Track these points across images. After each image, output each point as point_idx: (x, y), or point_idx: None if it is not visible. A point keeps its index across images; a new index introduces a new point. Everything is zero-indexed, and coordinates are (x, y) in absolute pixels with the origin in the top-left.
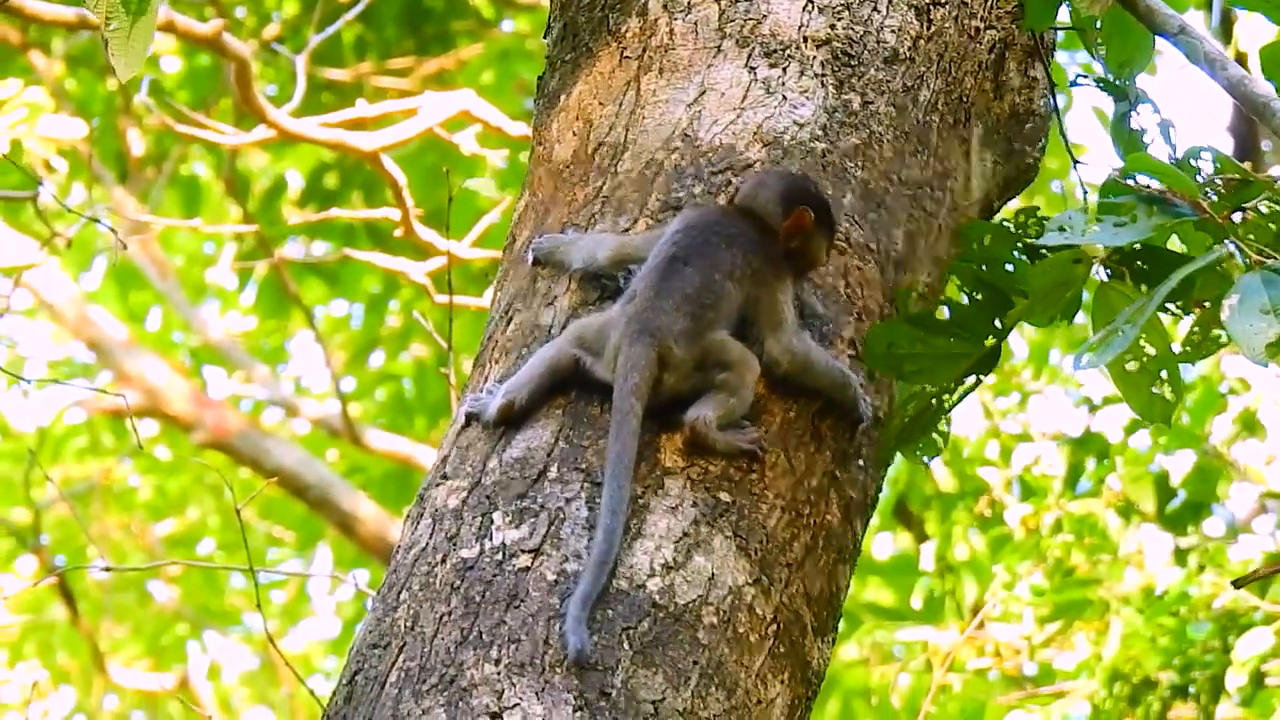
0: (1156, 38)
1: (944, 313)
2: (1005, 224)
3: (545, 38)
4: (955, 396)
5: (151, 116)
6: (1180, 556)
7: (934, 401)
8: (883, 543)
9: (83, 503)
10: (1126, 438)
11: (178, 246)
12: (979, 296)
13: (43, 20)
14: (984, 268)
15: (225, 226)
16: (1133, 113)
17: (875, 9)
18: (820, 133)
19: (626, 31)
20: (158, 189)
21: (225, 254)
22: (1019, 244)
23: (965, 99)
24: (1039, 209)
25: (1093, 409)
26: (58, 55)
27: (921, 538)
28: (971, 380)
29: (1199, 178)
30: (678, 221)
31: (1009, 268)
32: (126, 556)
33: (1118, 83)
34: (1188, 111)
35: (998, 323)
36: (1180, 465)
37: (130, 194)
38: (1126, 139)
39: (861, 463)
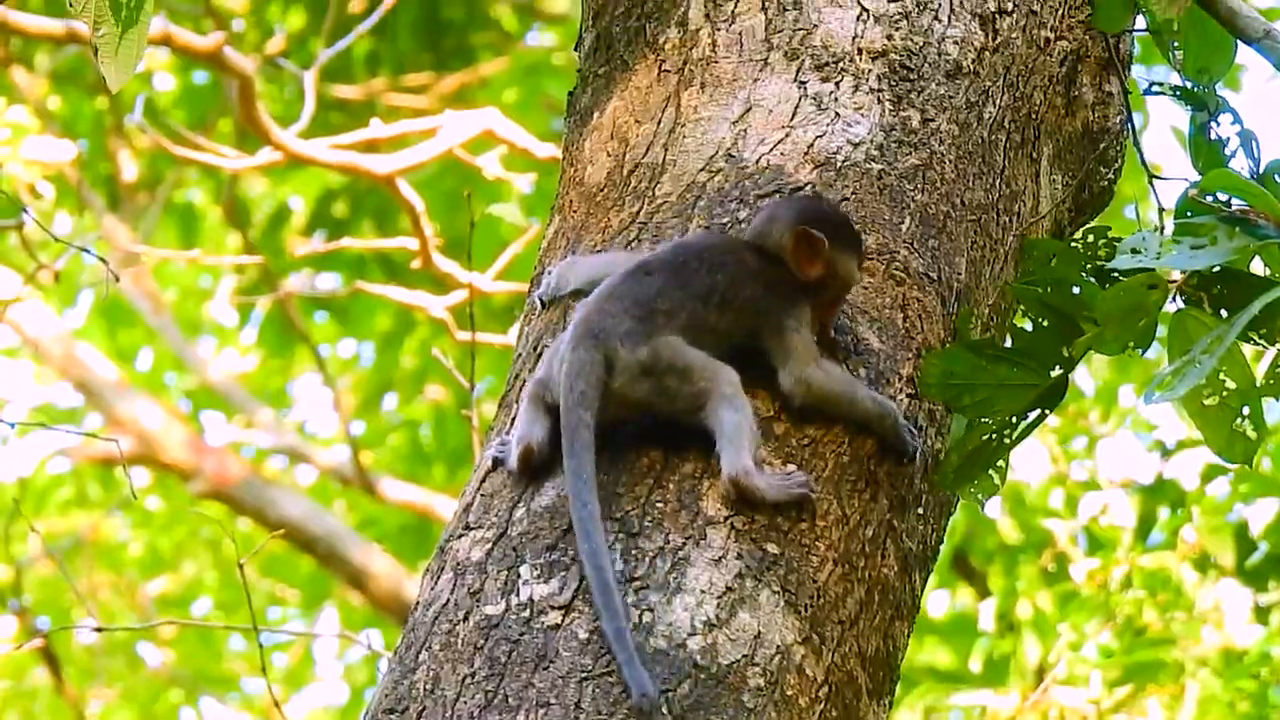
0: (1239, 44)
1: (1007, 340)
2: (1073, 244)
3: (576, 50)
4: (1018, 432)
5: (144, 138)
6: (1261, 614)
7: (994, 436)
8: (940, 599)
9: (68, 559)
10: (1203, 485)
11: (171, 279)
12: (1044, 322)
13: (27, 34)
14: (1049, 290)
15: (227, 258)
16: (1212, 123)
17: (936, 18)
18: (876, 152)
19: (665, 43)
20: (151, 217)
21: (223, 287)
22: (1088, 265)
23: (1034, 116)
24: (1109, 228)
25: (1166, 454)
26: (42, 71)
27: (983, 593)
28: (1036, 414)
29: None
30: (678, 239)
31: (1076, 291)
32: (117, 616)
33: (1196, 90)
34: (1274, 127)
35: (1065, 351)
36: (1261, 515)
37: (121, 222)
38: (1205, 151)
39: (921, 511)
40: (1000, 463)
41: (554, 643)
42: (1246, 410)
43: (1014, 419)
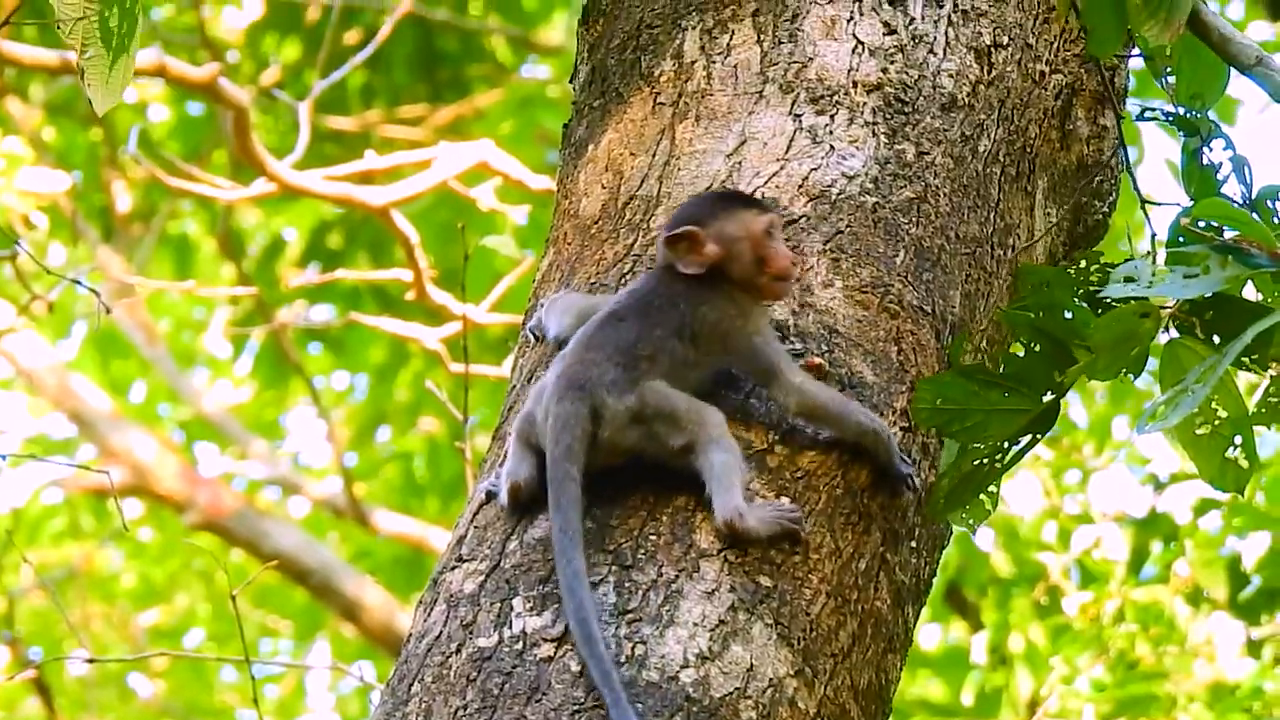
0: (1232, 71)
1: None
2: (1067, 270)
3: (571, 82)
4: (1010, 456)
5: (139, 169)
6: (1254, 648)
7: (985, 461)
8: (932, 632)
9: (61, 590)
10: (1196, 519)
11: (165, 310)
12: (1037, 348)
13: (21, 64)
14: (1042, 315)
15: (221, 289)
16: (1205, 149)
17: (931, 52)
18: (871, 186)
19: (661, 76)
20: (145, 248)
21: (217, 319)
22: (1080, 291)
23: (1029, 149)
24: (1102, 254)
25: (1159, 487)
26: (37, 103)
27: (976, 627)
28: (1027, 439)
29: (1276, 219)
30: (629, 285)
31: (1068, 316)
32: (109, 648)
33: (1189, 115)
34: (1267, 156)
35: (1057, 377)
36: (1254, 549)
37: (116, 253)
38: (1198, 177)
39: (913, 545)
40: (992, 488)
41: (546, 675)
42: (1239, 439)
43: (1006, 444)
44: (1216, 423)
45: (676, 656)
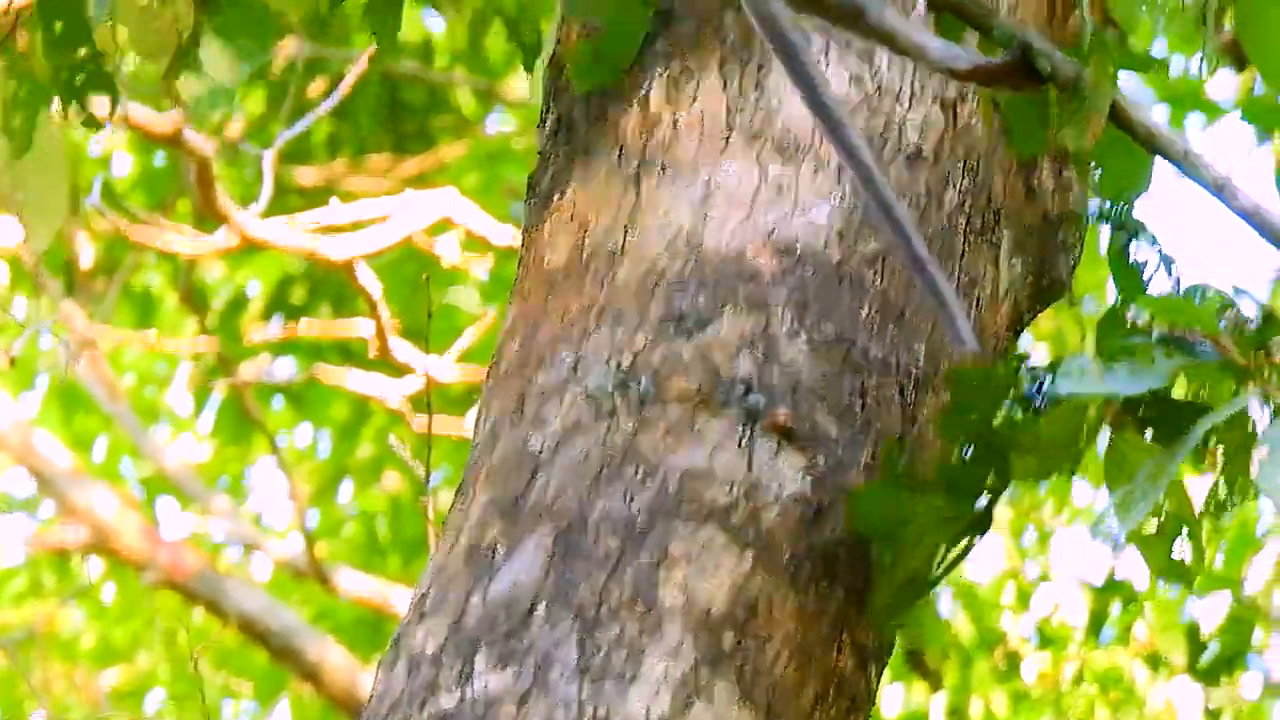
0: (1157, 158)
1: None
2: (996, 372)
3: (539, 128)
4: (947, 563)
5: (102, 221)
6: (1212, 714)
7: (922, 569)
8: (894, 695)
9: (21, 650)
10: (1154, 583)
11: (128, 365)
12: (970, 452)
13: None
14: (976, 420)
15: (184, 341)
16: (1133, 244)
17: (897, 102)
18: (836, 238)
19: (626, 125)
20: (108, 302)
21: (180, 373)
22: (1012, 394)
23: (994, 202)
24: (1028, 355)
25: (1117, 549)
26: None
27: (937, 689)
28: (964, 543)
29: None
30: None
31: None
32: (70, 709)
33: (1114, 210)
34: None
35: (991, 480)
36: (1213, 613)
37: (79, 307)
38: (1125, 274)
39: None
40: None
41: None
42: (1186, 531)
43: (945, 550)
44: (1162, 519)
45: (639, 715)
